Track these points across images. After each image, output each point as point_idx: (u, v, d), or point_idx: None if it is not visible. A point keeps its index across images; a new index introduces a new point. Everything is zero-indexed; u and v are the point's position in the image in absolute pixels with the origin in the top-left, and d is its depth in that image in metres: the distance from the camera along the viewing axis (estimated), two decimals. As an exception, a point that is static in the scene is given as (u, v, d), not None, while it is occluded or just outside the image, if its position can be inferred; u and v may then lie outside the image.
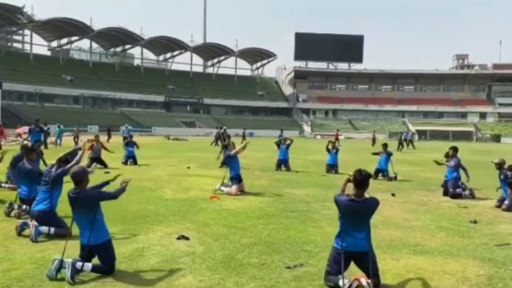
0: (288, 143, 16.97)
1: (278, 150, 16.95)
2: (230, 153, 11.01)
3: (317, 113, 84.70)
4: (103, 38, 75.23)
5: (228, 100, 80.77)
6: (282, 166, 16.32)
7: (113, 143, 27.81)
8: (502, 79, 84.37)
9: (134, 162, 17.08)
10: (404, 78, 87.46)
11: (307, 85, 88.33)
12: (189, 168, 16.23)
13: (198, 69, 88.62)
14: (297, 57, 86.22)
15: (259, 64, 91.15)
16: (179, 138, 44.47)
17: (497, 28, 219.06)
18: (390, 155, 14.74)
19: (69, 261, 4.57)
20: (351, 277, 4.37)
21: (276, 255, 5.56)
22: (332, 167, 15.89)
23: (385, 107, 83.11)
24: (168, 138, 44.29)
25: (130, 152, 17.35)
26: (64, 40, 74.57)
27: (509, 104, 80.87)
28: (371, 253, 4.54)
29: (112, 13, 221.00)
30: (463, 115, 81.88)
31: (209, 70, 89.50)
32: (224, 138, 28.63)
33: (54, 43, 75.38)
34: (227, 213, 8.14)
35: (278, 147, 16.99)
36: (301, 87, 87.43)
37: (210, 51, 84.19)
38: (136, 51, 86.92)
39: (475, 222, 7.80)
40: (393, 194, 10.88)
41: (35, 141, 12.51)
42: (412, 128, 74.36)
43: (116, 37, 74.24)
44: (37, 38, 73.78)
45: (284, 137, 18.35)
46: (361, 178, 4.57)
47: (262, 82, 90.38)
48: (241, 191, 10.50)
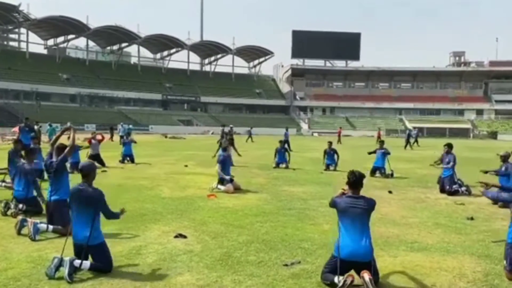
0: (285, 147, 16.87)
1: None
2: (220, 173, 10.78)
3: (315, 110, 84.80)
4: (100, 37, 75.06)
5: (225, 98, 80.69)
6: (280, 164, 16.36)
7: (117, 141, 27.87)
8: (499, 76, 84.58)
9: (132, 160, 17.06)
10: (401, 75, 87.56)
11: (304, 82, 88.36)
12: (186, 166, 16.22)
13: (195, 67, 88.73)
14: (294, 54, 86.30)
15: (256, 62, 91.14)
16: (176, 137, 44.41)
17: (494, 25, 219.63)
18: (388, 153, 14.76)
19: (67, 259, 4.57)
20: (346, 274, 4.33)
21: (274, 252, 5.57)
22: (330, 165, 15.98)
23: (382, 105, 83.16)
24: (166, 137, 44.22)
25: (128, 151, 17.33)
26: (61, 39, 74.40)
27: (506, 101, 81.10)
28: (373, 261, 4.41)
29: (108, 11, 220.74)
30: (460, 112, 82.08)
31: (206, 68, 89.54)
32: (231, 137, 28.09)
33: (51, 42, 75.22)
34: (225, 211, 8.15)
35: (276, 151, 16.90)
36: (298, 85, 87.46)
37: (207, 49, 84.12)
38: (133, 49, 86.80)
39: (471, 219, 7.83)
40: (390, 191, 10.92)
41: (26, 143, 12.03)
42: (409, 125, 74.51)
43: (113, 35, 74.07)
44: (33, 37, 73.64)
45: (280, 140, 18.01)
46: (355, 179, 4.60)
47: (259, 80, 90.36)
48: (238, 188, 10.51)
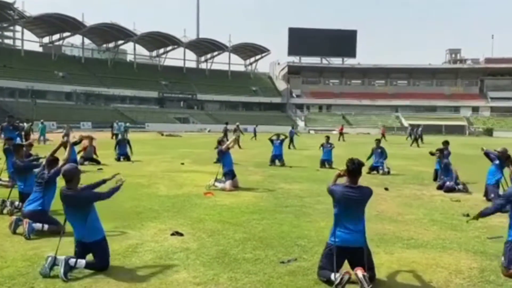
0: (282, 138, 17.06)
1: (272, 146, 16.97)
2: (221, 148, 11.01)
3: (311, 108, 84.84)
4: (95, 34, 74.68)
5: (221, 96, 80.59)
6: (276, 161, 16.37)
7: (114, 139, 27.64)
8: (494, 73, 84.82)
9: (127, 158, 17.00)
10: (397, 72, 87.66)
11: (300, 80, 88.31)
12: (183, 164, 16.20)
13: (192, 64, 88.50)
14: (291, 52, 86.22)
15: (252, 59, 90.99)
16: (173, 134, 44.36)
17: (490, 22, 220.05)
18: (383, 151, 14.77)
19: (62, 258, 4.54)
20: (342, 271, 4.33)
21: (270, 250, 5.56)
22: (326, 162, 15.97)
23: (379, 102, 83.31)
24: (162, 134, 44.17)
25: (123, 150, 17.25)
26: (56, 36, 74.06)
27: (501, 98, 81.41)
28: (366, 248, 4.50)
29: (104, 9, 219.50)
30: (456, 109, 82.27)
31: (203, 66, 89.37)
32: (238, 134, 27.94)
33: (46, 39, 74.86)
34: (221, 209, 8.14)
35: (272, 142, 16.99)
36: (294, 82, 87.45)
37: (203, 46, 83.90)
38: (128, 47, 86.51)
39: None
40: (386, 188, 10.93)
41: (8, 138, 11.94)
42: (405, 123, 74.69)
43: (109, 33, 73.74)
44: (28, 34, 73.25)
45: (278, 133, 18.06)
46: (354, 167, 4.62)
47: (256, 78, 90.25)
48: (235, 186, 10.51)
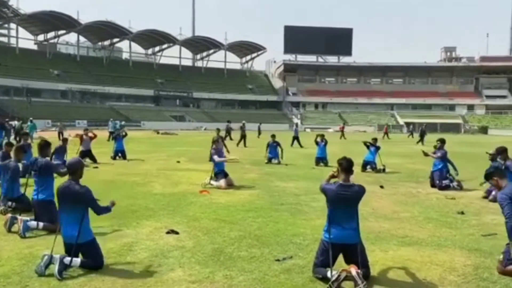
0: (277, 142, 16.80)
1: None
2: (214, 157, 10.86)
3: (307, 106, 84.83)
4: (91, 32, 74.39)
5: (217, 94, 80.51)
6: (272, 159, 16.36)
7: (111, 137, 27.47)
8: (489, 71, 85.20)
9: (123, 156, 16.96)
10: (393, 71, 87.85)
11: (296, 78, 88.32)
12: (178, 162, 16.18)
13: (187, 62, 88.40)
14: (287, 50, 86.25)
15: (248, 57, 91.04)
16: (168, 133, 44.24)
17: (485, 20, 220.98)
18: (379, 148, 14.82)
19: (57, 256, 4.53)
20: (339, 269, 4.36)
21: (266, 248, 5.57)
22: (321, 160, 15.96)
23: (374, 100, 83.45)
24: (158, 133, 44.03)
25: (120, 146, 17.21)
26: (51, 34, 73.60)
27: (496, 96, 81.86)
28: (360, 245, 4.54)
29: (99, 7, 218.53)
30: (451, 108, 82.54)
31: (198, 64, 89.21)
32: (243, 133, 27.83)
33: (41, 37, 74.42)
34: (217, 207, 8.13)
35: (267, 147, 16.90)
36: (290, 81, 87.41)
37: (199, 44, 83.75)
38: (124, 45, 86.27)
39: (462, 213, 7.90)
40: (381, 186, 10.97)
41: None
42: (401, 121, 74.91)
43: (104, 30, 73.47)
44: (23, 32, 72.88)
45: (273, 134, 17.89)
46: (347, 164, 4.77)
47: (252, 76, 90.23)
48: (230, 184, 10.49)
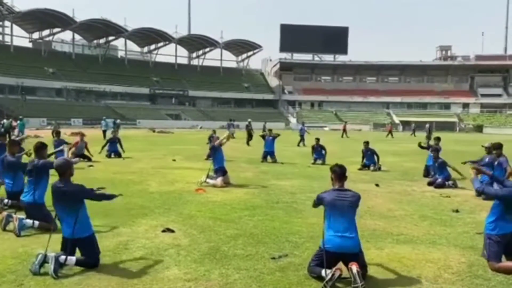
0: (274, 135, 17.04)
1: (264, 142, 17.01)
2: (214, 144, 10.99)
3: (303, 105, 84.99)
4: (86, 30, 74.08)
5: (213, 92, 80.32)
6: (268, 157, 16.39)
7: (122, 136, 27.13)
8: (484, 70, 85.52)
9: (118, 155, 16.91)
10: (388, 69, 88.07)
11: (292, 77, 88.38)
12: (174, 160, 16.17)
13: (183, 61, 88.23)
14: (283, 48, 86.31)
15: (244, 55, 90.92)
16: (164, 131, 44.14)
17: (480, 19, 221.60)
18: (374, 152, 14.77)
19: (52, 255, 4.52)
20: (333, 268, 4.31)
21: (261, 246, 5.58)
22: (318, 159, 16.06)
23: (370, 99, 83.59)
24: (153, 131, 43.92)
25: (113, 148, 17.14)
26: (46, 32, 73.38)
27: (491, 95, 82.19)
28: (360, 254, 4.49)
29: (95, 5, 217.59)
30: (446, 106, 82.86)
31: (194, 62, 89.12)
32: (249, 131, 27.76)
33: (36, 35, 74.14)
34: (213, 205, 8.14)
35: (264, 138, 17.03)
36: (286, 79, 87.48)
37: (195, 42, 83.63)
38: (119, 43, 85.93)
39: (457, 211, 7.94)
40: (377, 185, 11.02)
41: None
42: (396, 119, 75.11)
43: (99, 28, 73.19)
44: (18, 30, 72.57)
45: (269, 129, 18.06)
46: (341, 171, 4.78)
47: (248, 74, 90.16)
48: (227, 183, 10.50)
